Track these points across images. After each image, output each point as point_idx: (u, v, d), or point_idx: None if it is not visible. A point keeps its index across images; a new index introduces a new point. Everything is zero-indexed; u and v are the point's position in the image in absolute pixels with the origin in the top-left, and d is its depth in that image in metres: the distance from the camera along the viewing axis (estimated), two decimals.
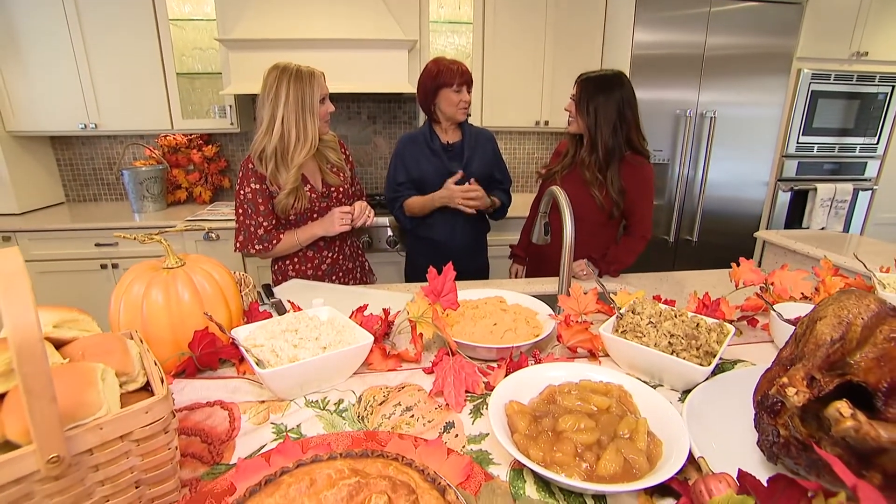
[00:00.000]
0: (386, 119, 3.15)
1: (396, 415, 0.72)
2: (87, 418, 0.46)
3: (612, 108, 1.49)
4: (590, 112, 1.49)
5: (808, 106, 2.89)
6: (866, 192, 3.08)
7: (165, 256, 0.84)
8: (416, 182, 1.77)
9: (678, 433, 0.62)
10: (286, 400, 0.75)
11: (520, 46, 2.81)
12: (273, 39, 2.37)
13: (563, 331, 0.86)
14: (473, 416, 0.71)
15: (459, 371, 0.75)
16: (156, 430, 0.50)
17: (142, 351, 0.59)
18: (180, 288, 0.80)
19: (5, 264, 0.44)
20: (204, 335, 0.79)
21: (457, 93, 1.65)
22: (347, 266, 1.66)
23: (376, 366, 0.84)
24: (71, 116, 2.57)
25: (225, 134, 2.95)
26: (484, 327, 0.88)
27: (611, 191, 1.51)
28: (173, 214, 2.69)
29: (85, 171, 2.97)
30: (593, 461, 0.58)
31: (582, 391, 0.69)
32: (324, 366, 0.74)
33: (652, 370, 0.81)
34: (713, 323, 0.87)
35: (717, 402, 0.72)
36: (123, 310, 0.78)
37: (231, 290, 0.87)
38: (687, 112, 2.71)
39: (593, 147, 1.51)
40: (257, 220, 1.42)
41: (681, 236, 2.91)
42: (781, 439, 0.57)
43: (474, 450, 0.65)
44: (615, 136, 1.50)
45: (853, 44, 2.84)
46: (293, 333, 0.78)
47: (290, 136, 1.34)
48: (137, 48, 2.51)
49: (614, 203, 1.52)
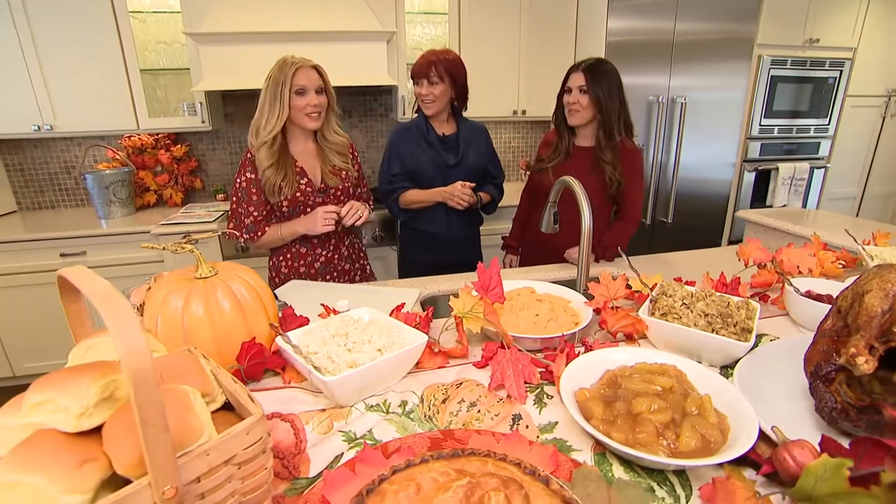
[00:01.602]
0: (362, 112, 3.08)
1: (463, 411, 0.72)
2: (193, 444, 0.44)
3: (616, 92, 1.53)
4: (602, 98, 1.52)
5: (768, 90, 3.05)
6: (820, 170, 3.31)
7: (196, 265, 0.80)
8: (412, 174, 1.75)
9: (739, 406, 0.65)
10: (346, 406, 0.73)
11: (495, 36, 2.81)
12: (245, 33, 2.26)
13: (609, 317, 0.88)
14: (538, 407, 0.73)
15: (517, 363, 0.76)
16: (256, 451, 0.48)
17: (212, 367, 0.57)
18: (220, 298, 0.76)
19: (94, 284, 0.41)
20: (251, 346, 0.76)
21: (417, 86, 1.66)
22: (344, 267, 1.63)
23: (424, 364, 0.83)
24: (21, 118, 2.37)
25: (195, 133, 2.80)
26: (526, 318, 0.89)
27: (608, 177, 1.56)
28: (144, 219, 2.54)
29: (39, 176, 2.74)
30: (673, 439, 0.60)
31: (642, 373, 0.72)
32: (383, 369, 0.73)
33: (690, 348, 0.85)
34: (739, 301, 0.92)
35: (761, 374, 0.76)
36: (161, 326, 0.74)
37: (268, 297, 0.84)
38: (659, 98, 2.80)
39: (608, 132, 1.54)
40: (248, 209, 1.45)
41: (657, 218, 3.03)
42: (839, 405, 0.62)
43: (548, 439, 0.66)
44: (619, 120, 1.55)
45: (806, 31, 3.02)
46: (344, 338, 0.77)
47: (264, 109, 1.38)
48: (95, 43, 2.33)
49: (617, 183, 1.57)
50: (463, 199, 1.68)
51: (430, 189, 1.73)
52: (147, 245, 0.79)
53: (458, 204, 1.69)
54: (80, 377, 0.44)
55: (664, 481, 0.59)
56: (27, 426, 0.42)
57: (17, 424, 0.43)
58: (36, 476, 0.38)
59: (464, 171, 1.75)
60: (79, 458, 0.40)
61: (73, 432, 0.42)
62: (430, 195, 1.72)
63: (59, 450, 0.40)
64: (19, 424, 0.43)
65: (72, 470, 0.39)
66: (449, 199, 1.69)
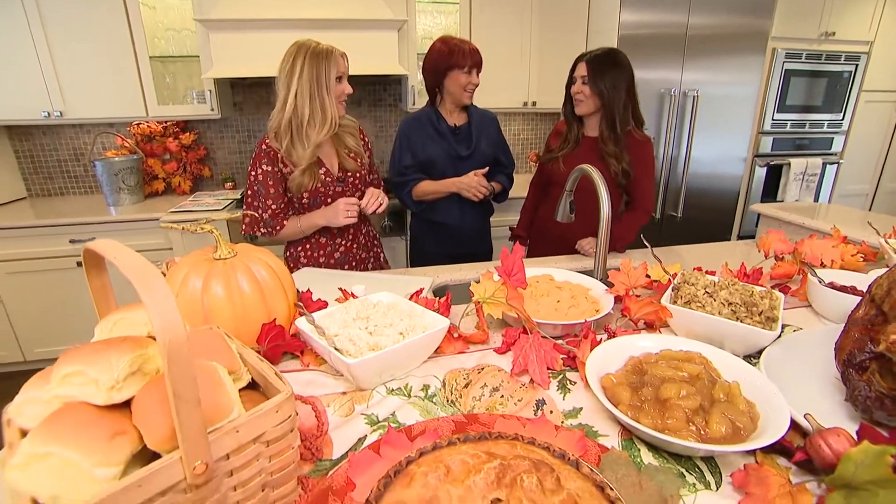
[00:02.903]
0: (371, 101, 3.06)
1: (486, 396, 0.71)
2: (223, 421, 0.43)
3: (622, 82, 1.51)
4: (604, 88, 1.50)
5: (781, 84, 3.01)
6: (833, 165, 3.27)
7: (216, 246, 0.79)
8: (424, 165, 1.74)
9: (769, 393, 0.64)
10: (367, 389, 0.72)
11: (506, 27, 2.78)
12: (256, 20, 2.24)
13: (632, 304, 0.87)
14: (562, 392, 0.72)
15: (539, 348, 0.75)
16: (284, 429, 0.48)
17: (238, 346, 0.56)
18: (240, 279, 0.75)
19: (128, 257, 0.40)
20: (272, 328, 0.75)
21: (467, 75, 1.62)
22: (360, 256, 1.62)
23: (444, 349, 0.82)
24: (31, 105, 2.36)
25: (203, 121, 2.79)
26: (547, 305, 0.88)
27: (614, 168, 1.55)
28: (153, 207, 2.54)
29: (48, 163, 2.74)
30: (703, 425, 0.59)
31: (668, 360, 0.70)
32: (405, 352, 0.72)
33: (713, 337, 0.83)
34: (763, 291, 0.91)
35: (788, 362, 0.75)
36: (182, 307, 0.73)
37: (287, 279, 0.83)
38: (671, 91, 2.77)
39: (611, 123, 1.52)
40: (265, 202, 1.40)
41: (666, 212, 3.01)
42: (873, 393, 0.61)
43: (574, 424, 0.65)
44: (626, 112, 1.53)
45: (822, 24, 2.97)
46: (365, 320, 0.76)
47: (304, 111, 1.31)
48: (105, 31, 2.32)
49: (624, 174, 1.55)
50: (480, 191, 1.67)
51: (443, 180, 1.71)
52: (167, 225, 0.78)
53: (474, 196, 1.67)
54: (109, 350, 0.43)
55: (693, 468, 0.58)
56: (56, 398, 0.42)
57: (46, 397, 0.42)
58: (68, 448, 0.37)
59: (476, 162, 1.73)
60: (110, 432, 0.39)
61: (103, 405, 0.41)
62: (444, 186, 1.70)
63: (90, 423, 0.39)
64: (48, 397, 0.42)
65: (103, 443, 0.39)
66: (465, 189, 1.67)
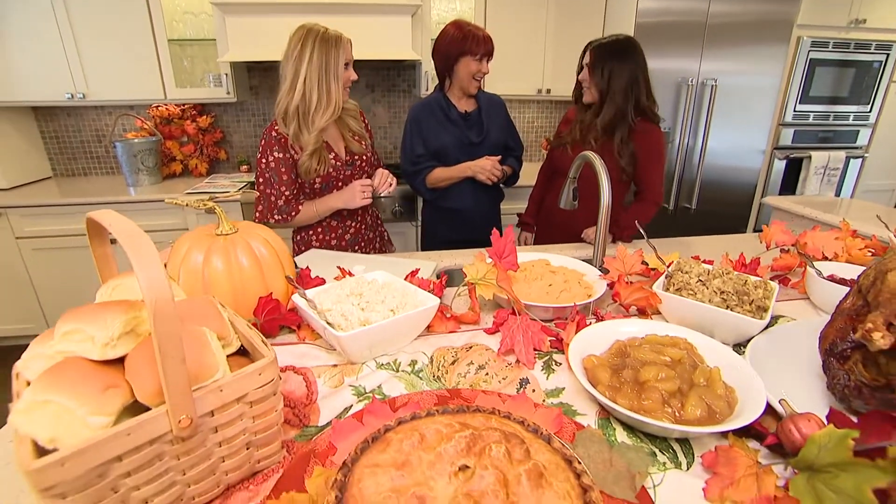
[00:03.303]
0: (385, 87, 3.07)
1: (471, 373, 0.73)
2: (208, 380, 0.46)
3: (624, 73, 1.50)
4: (603, 77, 1.49)
5: (805, 74, 2.92)
6: (857, 159, 3.17)
7: (218, 223, 0.83)
8: (436, 153, 1.74)
9: (749, 379, 0.65)
10: (357, 363, 0.75)
11: (522, 13, 2.74)
12: (272, 3, 2.27)
13: (622, 290, 0.88)
14: (546, 372, 0.73)
15: (527, 330, 0.77)
16: (267, 392, 0.51)
17: (230, 315, 0.59)
18: (239, 254, 0.79)
19: (121, 224, 0.43)
20: (268, 301, 0.78)
21: (478, 62, 1.62)
22: (369, 236, 1.66)
23: (436, 328, 0.85)
24: (56, 86, 2.44)
25: (219, 104, 2.84)
26: (539, 288, 0.89)
27: (617, 157, 1.53)
28: (170, 188, 2.61)
29: (72, 143, 2.83)
30: (679, 407, 0.61)
31: (652, 344, 0.71)
32: (395, 328, 0.74)
33: (704, 325, 0.84)
34: (757, 280, 0.90)
35: (774, 351, 0.75)
36: (183, 279, 0.77)
37: (286, 256, 0.86)
38: (689, 81, 2.71)
39: (602, 112, 1.52)
40: (279, 189, 1.41)
41: (680, 203, 2.96)
42: (852, 382, 0.61)
43: (554, 403, 0.67)
44: (626, 102, 1.52)
45: (852, 11, 2.86)
46: (358, 297, 0.78)
47: (312, 96, 1.33)
48: (125, 13, 2.37)
49: (622, 169, 1.55)
50: (494, 174, 1.67)
51: (457, 165, 1.71)
52: (171, 200, 0.82)
53: (489, 179, 1.68)
54: (106, 311, 0.46)
55: (667, 448, 0.60)
56: (58, 353, 0.45)
57: (49, 352, 0.46)
58: (65, 397, 0.41)
59: (488, 148, 1.73)
60: (103, 384, 0.43)
61: (98, 360, 0.45)
62: (458, 171, 1.70)
63: (86, 375, 0.43)
64: (51, 352, 0.46)
65: (97, 394, 0.42)
66: (480, 172, 1.67)
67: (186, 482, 0.48)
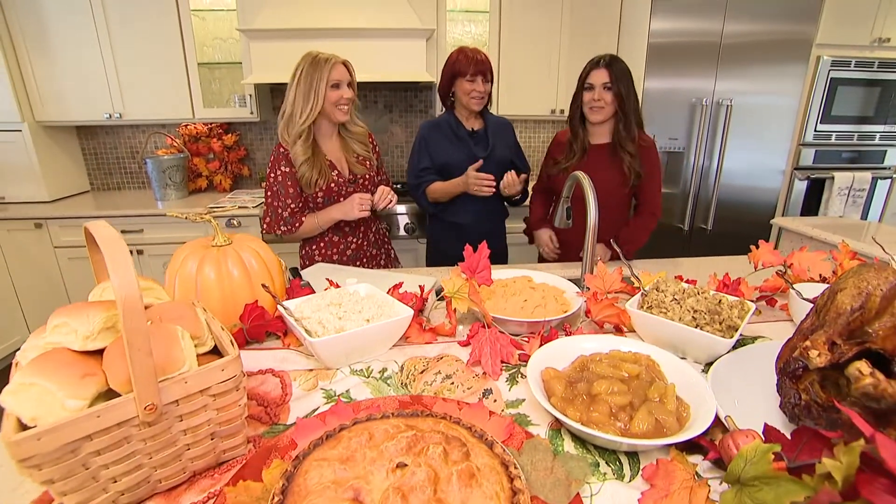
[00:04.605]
0: (402, 108, 3.18)
1: (437, 382, 0.76)
2: (174, 373, 0.52)
3: (632, 87, 1.56)
4: (623, 93, 1.53)
5: (826, 93, 2.86)
6: (885, 180, 3.06)
7: (214, 234, 0.90)
8: (441, 168, 1.80)
9: (704, 397, 0.66)
10: (332, 368, 0.80)
11: (536, 35, 2.81)
12: (292, 29, 2.41)
13: (592, 306, 0.90)
14: (510, 384, 0.76)
15: (495, 342, 0.80)
16: (229, 386, 0.56)
17: (207, 318, 0.65)
18: (230, 265, 0.85)
19: (104, 231, 0.49)
20: (254, 308, 0.84)
21: (470, 82, 1.68)
22: (372, 252, 1.71)
23: (413, 339, 0.89)
24: (97, 107, 2.64)
25: (244, 123, 3.00)
26: (515, 303, 0.92)
27: (627, 172, 1.57)
28: (195, 202, 2.76)
29: (109, 159, 3.04)
30: (627, 421, 0.62)
31: (612, 360, 0.73)
32: (368, 336, 0.79)
33: (676, 343, 0.85)
34: (734, 300, 0.91)
35: (740, 372, 0.76)
36: (178, 284, 0.84)
37: (276, 268, 0.92)
38: (703, 101, 2.70)
39: (627, 125, 1.56)
40: (285, 201, 1.50)
41: (695, 225, 2.92)
42: (803, 402, 0.61)
43: (513, 413, 0.70)
44: (637, 112, 1.58)
45: (875, 30, 2.80)
46: (337, 307, 0.83)
47: (296, 114, 1.45)
48: (160, 39, 2.56)
49: (636, 176, 1.58)
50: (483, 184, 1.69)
51: (451, 180, 1.77)
52: (172, 213, 0.90)
53: (480, 191, 1.71)
54: (90, 308, 0.53)
55: (614, 461, 0.61)
56: (48, 344, 0.52)
57: (41, 343, 0.52)
58: (47, 381, 0.47)
59: (492, 165, 1.78)
60: (82, 371, 0.49)
61: (80, 351, 0.51)
62: (452, 185, 1.76)
63: (68, 363, 0.49)
64: (42, 343, 0.52)
65: (76, 379, 0.48)
66: (471, 185, 1.71)
67: (153, 465, 0.53)
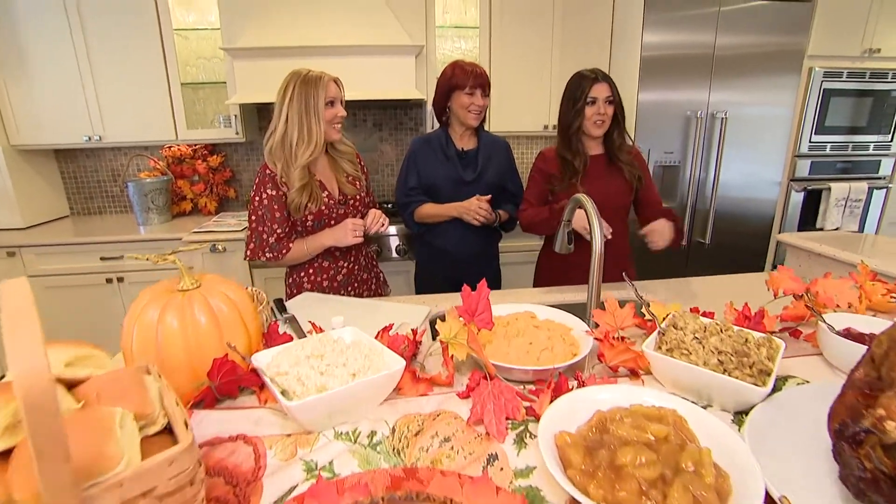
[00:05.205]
0: (392, 126, 3.11)
1: (434, 447, 0.66)
2: (106, 474, 0.41)
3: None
4: (619, 104, 1.56)
5: (820, 104, 2.84)
6: (881, 190, 3.03)
7: (180, 277, 0.80)
8: (428, 188, 1.73)
9: (745, 464, 0.57)
10: (314, 432, 0.69)
11: (527, 50, 2.77)
12: (278, 48, 2.34)
13: (607, 350, 0.80)
14: (517, 447, 0.66)
15: (499, 396, 0.70)
16: (181, 482, 0.45)
17: (161, 388, 0.54)
18: (197, 311, 0.75)
19: (13, 299, 0.39)
20: (223, 363, 0.74)
21: (469, 95, 1.61)
22: (362, 276, 1.62)
23: (406, 391, 0.79)
24: (75, 129, 2.54)
25: (230, 144, 2.91)
26: (519, 346, 0.83)
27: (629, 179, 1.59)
28: (179, 226, 2.65)
29: (89, 183, 2.93)
30: (660, 499, 0.53)
31: (635, 417, 0.64)
32: (354, 394, 0.69)
33: (701, 390, 0.76)
34: (761, 337, 0.82)
35: (780, 427, 0.66)
36: (137, 336, 0.73)
37: (249, 312, 0.82)
38: (698, 113, 2.67)
39: (622, 135, 1.60)
40: (271, 226, 1.42)
41: (693, 238, 2.86)
42: (868, 474, 0.52)
43: (523, 486, 0.60)
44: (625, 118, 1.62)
45: (865, 41, 2.79)
46: (319, 359, 0.73)
47: (293, 135, 1.36)
48: (142, 59, 2.48)
49: (638, 179, 1.60)
50: (479, 215, 1.63)
51: (445, 204, 1.69)
52: (132, 255, 0.80)
53: (475, 219, 1.64)
54: None
55: None
56: None
57: None
58: None
59: (481, 188, 1.70)
60: None
61: None
62: (445, 210, 1.68)
63: None
64: None
65: None
66: (465, 213, 1.65)
67: None
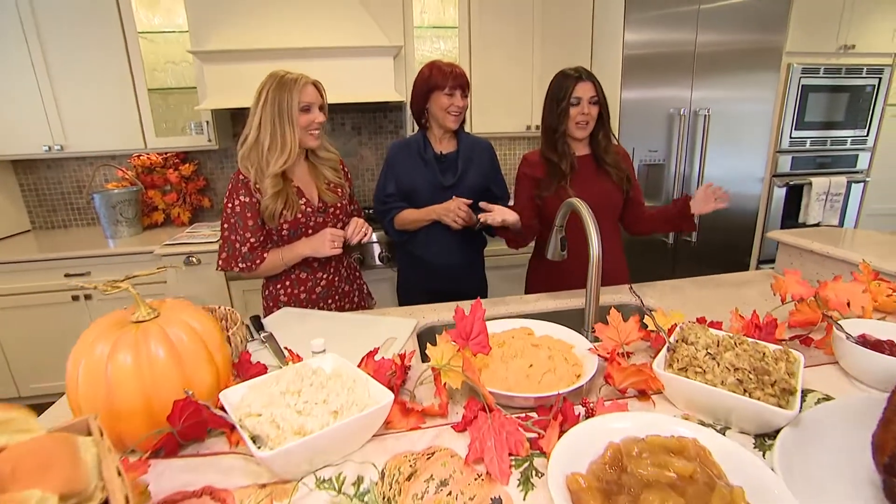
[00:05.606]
0: (371, 129, 3.02)
1: (430, 493, 0.58)
2: None
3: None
4: (604, 104, 1.50)
5: (798, 100, 2.86)
6: (859, 184, 3.07)
7: (135, 307, 0.70)
8: (407, 194, 1.65)
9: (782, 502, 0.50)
10: (293, 481, 0.61)
11: (507, 50, 2.71)
12: (249, 50, 2.23)
13: (616, 372, 0.73)
14: (524, 489, 0.59)
15: (500, 430, 0.63)
16: None
17: (101, 451, 0.45)
18: (153, 346, 0.66)
19: None
20: (186, 405, 0.65)
21: (448, 96, 1.54)
22: (344, 289, 1.53)
23: (395, 424, 0.71)
24: (34, 138, 2.38)
25: (203, 151, 2.78)
26: (518, 370, 0.75)
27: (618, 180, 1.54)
28: (150, 238, 2.51)
29: (52, 195, 2.76)
30: None
31: (654, 452, 0.57)
32: (337, 437, 0.60)
33: (717, 411, 0.70)
34: (777, 350, 0.77)
35: (809, 454, 0.60)
36: (83, 376, 0.64)
37: (216, 342, 0.73)
38: (681, 111, 2.66)
39: (607, 135, 1.55)
40: (244, 235, 1.33)
41: (679, 237, 2.85)
42: None
43: None
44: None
45: (840, 37, 2.82)
46: (296, 396, 0.65)
47: (265, 140, 1.29)
48: (104, 64, 2.34)
49: (627, 179, 1.56)
50: (459, 216, 1.55)
51: (424, 208, 1.61)
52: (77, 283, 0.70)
53: (454, 222, 1.56)
54: None
55: None
56: None
57: None
58: None
59: (462, 192, 1.62)
60: None
61: None
62: (424, 213, 1.60)
63: None
64: None
65: None
66: (444, 215, 1.56)
67: None
